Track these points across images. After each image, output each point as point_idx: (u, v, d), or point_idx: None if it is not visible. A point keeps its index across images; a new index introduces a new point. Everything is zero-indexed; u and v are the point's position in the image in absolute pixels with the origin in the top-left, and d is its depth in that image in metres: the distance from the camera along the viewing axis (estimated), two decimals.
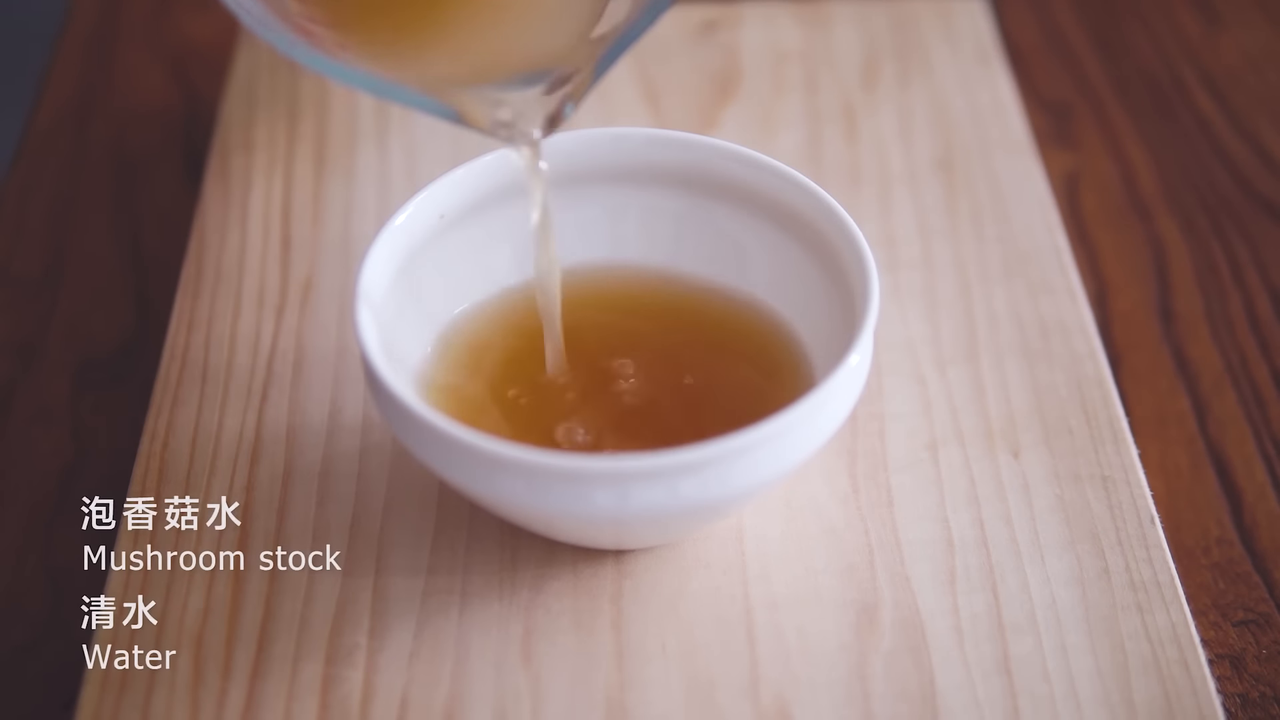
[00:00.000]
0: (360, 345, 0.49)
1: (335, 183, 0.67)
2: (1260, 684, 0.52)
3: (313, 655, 0.50)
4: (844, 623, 0.51)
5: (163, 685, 0.50)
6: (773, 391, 0.53)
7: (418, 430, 0.47)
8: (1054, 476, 0.55)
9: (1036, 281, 0.62)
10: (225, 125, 0.70)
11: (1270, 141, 0.73)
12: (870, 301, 0.49)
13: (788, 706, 0.49)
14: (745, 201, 0.56)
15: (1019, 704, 0.49)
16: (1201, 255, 0.67)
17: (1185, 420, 0.61)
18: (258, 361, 0.60)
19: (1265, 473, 0.59)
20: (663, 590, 0.52)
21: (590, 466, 0.46)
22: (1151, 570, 0.52)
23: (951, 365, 0.59)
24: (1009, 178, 0.67)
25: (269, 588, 0.52)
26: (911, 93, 0.72)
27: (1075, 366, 0.59)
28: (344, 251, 0.64)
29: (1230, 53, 0.79)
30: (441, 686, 0.50)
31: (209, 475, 0.55)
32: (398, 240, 0.53)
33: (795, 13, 0.77)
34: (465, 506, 0.54)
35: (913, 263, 0.63)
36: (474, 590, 0.52)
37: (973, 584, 0.52)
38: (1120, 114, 0.75)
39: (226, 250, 0.64)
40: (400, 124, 0.70)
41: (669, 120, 0.70)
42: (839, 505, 0.54)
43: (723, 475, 0.46)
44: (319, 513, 0.54)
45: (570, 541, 0.52)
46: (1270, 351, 0.63)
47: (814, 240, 0.54)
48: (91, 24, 0.81)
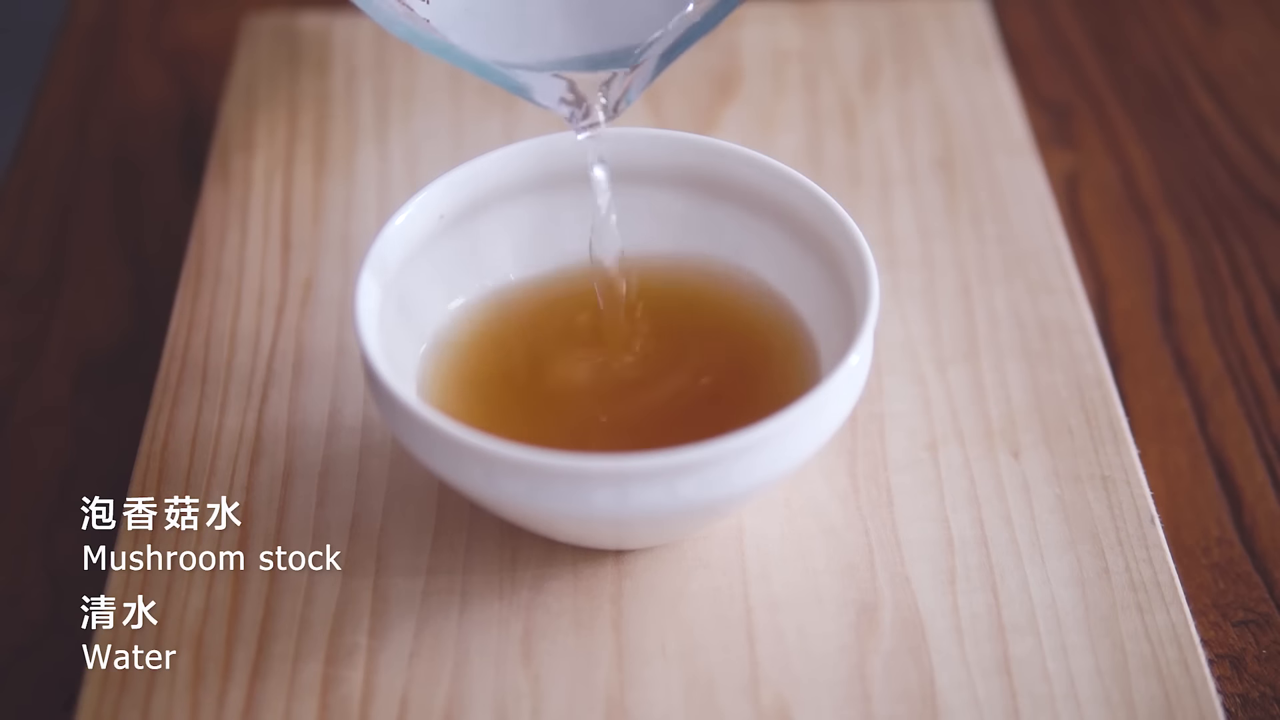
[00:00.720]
0: (360, 345, 0.49)
1: (335, 183, 0.67)
2: (1260, 684, 0.52)
3: (313, 655, 0.50)
4: (844, 623, 0.51)
5: (163, 685, 0.50)
6: (781, 370, 0.53)
7: (418, 431, 0.47)
8: (1054, 476, 0.55)
9: (1036, 281, 0.62)
10: (225, 125, 0.70)
11: (1270, 141, 0.73)
12: (870, 301, 0.49)
13: (788, 706, 0.49)
14: (746, 201, 0.56)
15: (1019, 704, 0.49)
16: (1201, 255, 0.67)
17: (1185, 420, 0.61)
18: (258, 361, 0.60)
19: (1265, 473, 0.59)
20: (663, 590, 0.52)
21: (590, 466, 0.46)
22: (1151, 570, 0.52)
23: (951, 365, 0.59)
24: (1009, 178, 0.67)
25: (269, 588, 0.52)
26: (911, 93, 0.72)
27: (1075, 366, 0.59)
28: (344, 251, 0.64)
29: (1230, 53, 0.79)
30: (441, 686, 0.50)
31: (209, 475, 0.55)
32: (397, 240, 0.53)
33: (795, 13, 0.77)
34: (465, 506, 0.54)
35: (913, 263, 0.63)
36: (474, 590, 0.52)
37: (973, 584, 0.52)
38: (1120, 114, 0.75)
39: (226, 250, 0.64)
40: (400, 124, 0.70)
41: (669, 120, 0.70)
42: (839, 505, 0.54)
43: (723, 475, 0.46)
44: (319, 513, 0.54)
45: (570, 541, 0.52)
46: (1270, 351, 0.63)
47: (814, 240, 0.54)
48: (91, 24, 0.81)
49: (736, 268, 0.56)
